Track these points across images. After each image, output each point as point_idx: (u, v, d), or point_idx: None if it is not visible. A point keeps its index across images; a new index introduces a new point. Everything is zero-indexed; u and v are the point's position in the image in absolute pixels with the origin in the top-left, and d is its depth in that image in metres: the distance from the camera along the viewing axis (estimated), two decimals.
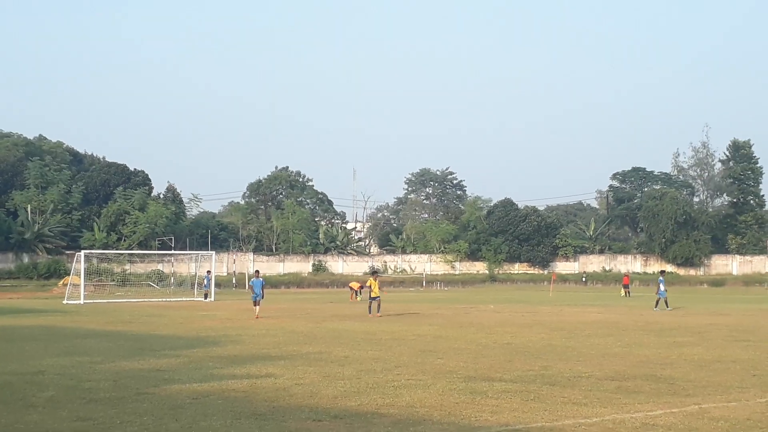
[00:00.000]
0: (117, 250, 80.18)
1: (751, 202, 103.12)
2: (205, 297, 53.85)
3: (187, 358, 19.22)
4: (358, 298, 54.25)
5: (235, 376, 16.00)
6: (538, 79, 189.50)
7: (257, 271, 41.89)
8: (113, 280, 72.17)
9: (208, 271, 56.18)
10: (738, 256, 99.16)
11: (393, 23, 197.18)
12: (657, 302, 42.27)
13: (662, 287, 42.56)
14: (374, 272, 40.95)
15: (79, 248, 68.96)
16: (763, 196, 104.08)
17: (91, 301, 50.02)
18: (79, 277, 52.64)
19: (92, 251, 70.61)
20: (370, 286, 36.82)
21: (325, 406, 12.64)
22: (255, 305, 35.50)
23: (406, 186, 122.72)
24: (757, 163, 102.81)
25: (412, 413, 12.02)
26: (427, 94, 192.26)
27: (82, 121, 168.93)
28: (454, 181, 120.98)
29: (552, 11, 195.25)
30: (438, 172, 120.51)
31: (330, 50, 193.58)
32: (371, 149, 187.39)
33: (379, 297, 36.20)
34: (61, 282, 66.77)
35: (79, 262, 53.23)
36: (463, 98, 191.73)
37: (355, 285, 57.33)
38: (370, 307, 36.08)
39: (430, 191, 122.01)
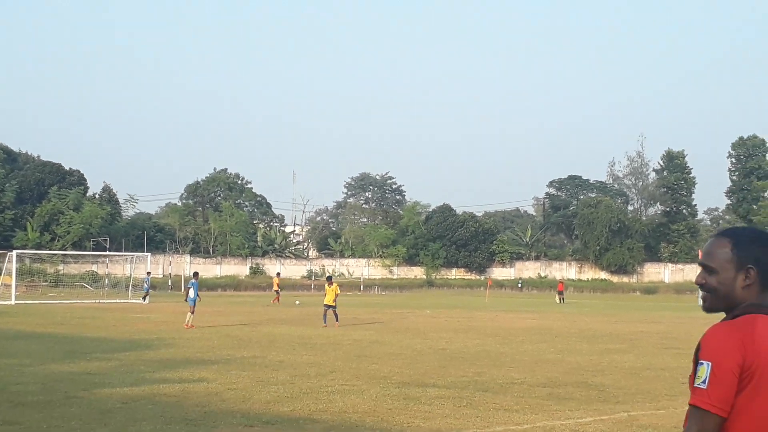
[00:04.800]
0: (50, 250, 78.78)
1: (684, 211, 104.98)
2: (144, 299, 53.13)
3: (118, 362, 18.97)
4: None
5: (167, 381, 15.83)
6: (476, 86, 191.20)
7: (196, 273, 35.44)
8: (46, 280, 70.96)
9: (148, 273, 55.45)
10: (670, 265, 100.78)
11: (336, 30, 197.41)
12: None
13: None
14: (328, 278, 37.78)
15: (12, 248, 67.67)
16: (695, 205, 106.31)
17: (23, 302, 49.05)
18: (11, 277, 51.66)
19: (25, 251, 69.24)
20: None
21: (257, 411, 12.57)
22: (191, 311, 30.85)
23: (345, 190, 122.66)
24: (690, 173, 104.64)
25: (345, 419, 12.01)
26: (368, 99, 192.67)
27: (17, 118, 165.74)
28: (394, 186, 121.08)
29: (492, 18, 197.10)
30: (378, 177, 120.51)
31: (273, 51, 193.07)
32: (311, 153, 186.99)
33: (333, 306, 32.91)
34: None
35: (10, 262, 52.22)
36: (402, 104, 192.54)
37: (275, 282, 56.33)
38: (324, 316, 32.72)
39: (370, 196, 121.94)
